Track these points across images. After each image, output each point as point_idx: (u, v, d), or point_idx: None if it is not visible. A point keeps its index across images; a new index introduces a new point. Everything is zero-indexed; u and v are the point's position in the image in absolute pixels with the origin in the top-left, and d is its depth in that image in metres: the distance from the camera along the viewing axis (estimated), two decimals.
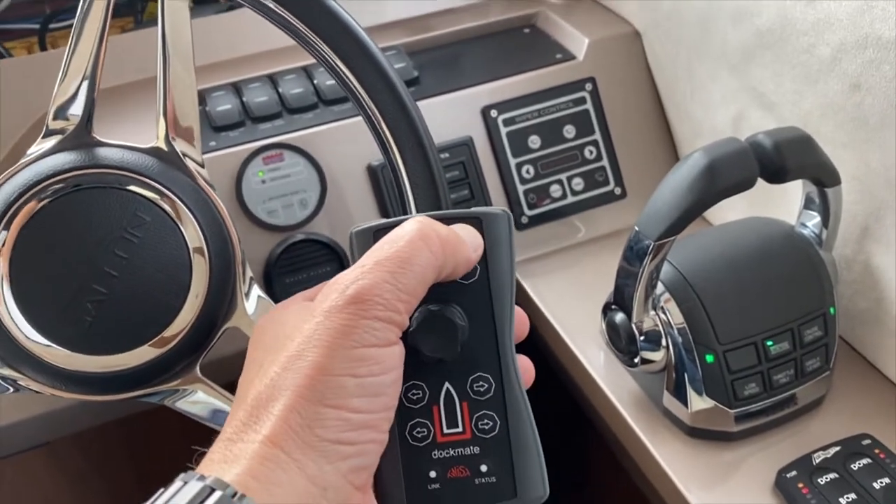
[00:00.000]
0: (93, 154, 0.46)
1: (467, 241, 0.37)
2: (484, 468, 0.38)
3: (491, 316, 0.38)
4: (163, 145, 0.48)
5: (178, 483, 0.31)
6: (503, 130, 0.79)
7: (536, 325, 0.75)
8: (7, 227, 0.43)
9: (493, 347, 0.38)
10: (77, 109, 0.47)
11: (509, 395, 0.38)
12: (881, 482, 0.54)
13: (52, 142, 0.46)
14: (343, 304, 0.33)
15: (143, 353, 0.45)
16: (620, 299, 0.60)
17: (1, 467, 0.91)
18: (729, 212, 0.75)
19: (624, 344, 0.60)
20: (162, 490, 0.32)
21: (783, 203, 0.67)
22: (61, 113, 0.47)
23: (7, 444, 0.72)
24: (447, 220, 0.37)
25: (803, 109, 0.64)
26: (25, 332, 0.43)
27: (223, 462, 0.32)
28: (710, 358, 0.58)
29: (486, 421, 0.38)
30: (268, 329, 0.37)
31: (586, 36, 0.83)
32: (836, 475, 0.55)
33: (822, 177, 0.59)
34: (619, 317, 0.60)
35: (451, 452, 0.38)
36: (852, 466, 0.55)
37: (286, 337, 0.35)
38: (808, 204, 0.63)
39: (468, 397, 0.38)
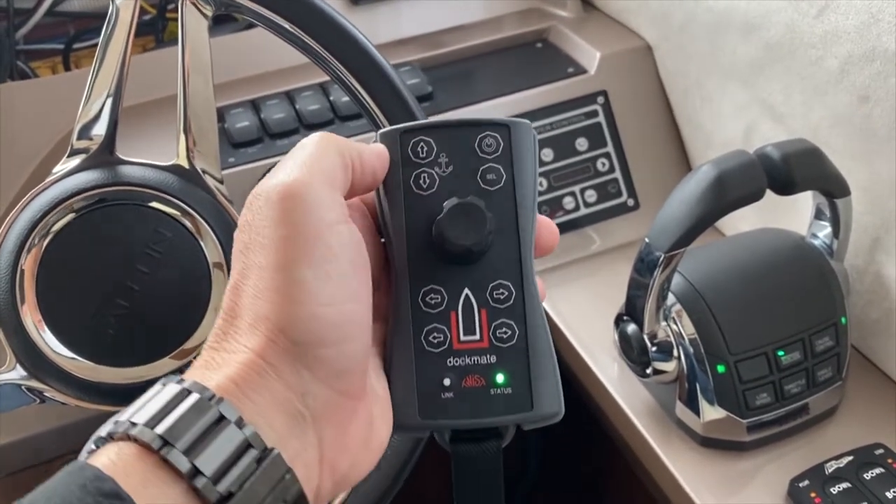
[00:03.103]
0: (116, 172, 0.47)
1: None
2: (500, 378, 0.36)
3: (515, 224, 0.37)
4: (183, 163, 0.49)
5: (157, 386, 0.31)
6: None
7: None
8: (33, 244, 0.45)
9: (516, 256, 0.37)
10: (100, 129, 0.48)
11: (529, 305, 0.36)
12: (894, 491, 0.54)
13: (76, 161, 0.48)
14: (277, 201, 0.33)
15: (164, 365, 0.46)
16: (632, 310, 0.60)
17: (23, 478, 0.92)
18: (741, 222, 0.75)
19: (636, 355, 0.61)
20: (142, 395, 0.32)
21: (795, 212, 0.68)
22: (85, 132, 0.48)
23: (31, 455, 0.73)
24: (473, 125, 0.37)
25: (812, 121, 0.64)
26: (52, 345, 0.44)
27: (205, 368, 0.32)
28: (721, 368, 0.58)
29: (504, 329, 0.36)
30: (243, 231, 0.37)
31: (598, 50, 0.84)
32: (849, 484, 0.55)
33: (831, 188, 0.59)
34: (631, 328, 0.61)
35: (468, 360, 0.36)
36: (865, 476, 0.56)
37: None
38: (818, 214, 0.63)
39: (488, 305, 0.36)
